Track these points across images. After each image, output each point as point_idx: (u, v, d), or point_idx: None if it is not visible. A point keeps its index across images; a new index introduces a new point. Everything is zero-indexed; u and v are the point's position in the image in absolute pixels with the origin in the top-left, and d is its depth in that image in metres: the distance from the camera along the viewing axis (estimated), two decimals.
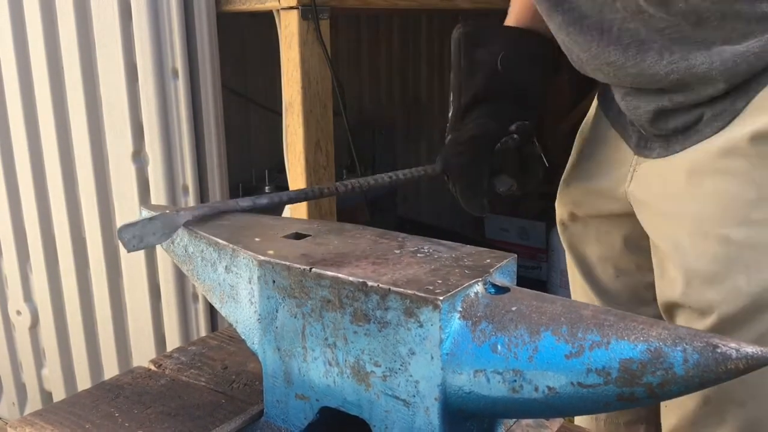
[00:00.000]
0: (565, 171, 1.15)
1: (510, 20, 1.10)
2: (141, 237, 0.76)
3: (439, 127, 3.60)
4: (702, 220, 0.88)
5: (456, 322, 0.64)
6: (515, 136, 1.01)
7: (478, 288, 0.66)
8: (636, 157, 0.99)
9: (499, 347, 0.62)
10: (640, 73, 0.87)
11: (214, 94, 1.77)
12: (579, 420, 1.22)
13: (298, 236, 0.80)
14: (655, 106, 0.90)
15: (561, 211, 1.17)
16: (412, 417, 0.66)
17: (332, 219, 1.78)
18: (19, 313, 2.09)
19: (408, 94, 3.40)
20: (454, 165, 1.02)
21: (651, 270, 1.00)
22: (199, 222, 0.85)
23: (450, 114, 1.07)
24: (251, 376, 0.93)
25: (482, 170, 1.01)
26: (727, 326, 0.85)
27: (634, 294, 1.10)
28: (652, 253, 0.99)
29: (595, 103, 1.11)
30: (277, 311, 0.72)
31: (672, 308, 0.93)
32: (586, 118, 1.13)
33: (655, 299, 0.99)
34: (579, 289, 1.19)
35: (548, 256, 3.08)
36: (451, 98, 1.06)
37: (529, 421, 0.81)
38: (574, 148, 1.14)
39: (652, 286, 1.01)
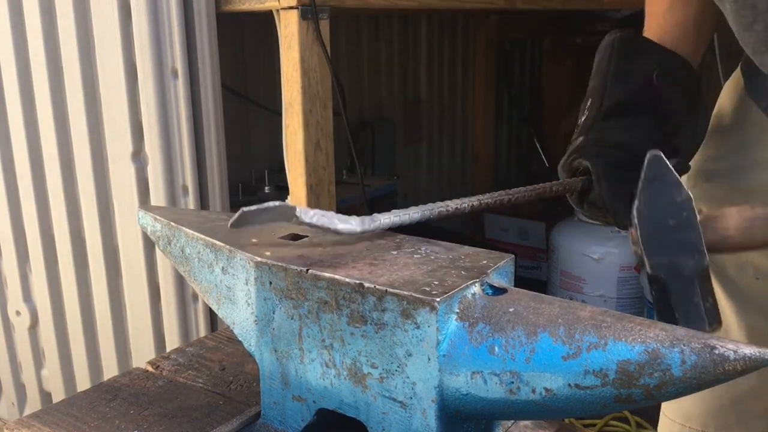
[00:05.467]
0: (696, 163, 1.04)
1: (651, 34, 1.00)
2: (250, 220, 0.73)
3: (439, 127, 3.61)
4: None
5: (453, 323, 0.63)
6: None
7: (476, 289, 0.66)
8: None
9: (496, 349, 0.62)
10: None
11: (214, 94, 1.77)
12: None
13: (295, 237, 0.79)
14: None
15: (697, 204, 1.07)
16: (409, 419, 0.65)
17: None
18: (18, 313, 2.09)
19: (408, 94, 3.40)
20: (600, 164, 0.92)
21: None
22: (200, 223, 0.85)
23: (584, 117, 0.97)
24: (249, 378, 0.93)
25: (631, 174, 0.91)
26: None
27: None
28: None
29: (731, 91, 1.02)
30: (273, 313, 0.72)
31: None
32: (719, 108, 1.04)
33: None
34: None
35: (548, 256, 3.07)
36: (588, 102, 0.97)
37: (527, 422, 0.81)
38: (709, 140, 1.03)
39: None
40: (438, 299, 0.62)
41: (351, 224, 0.75)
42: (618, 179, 0.91)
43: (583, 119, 0.97)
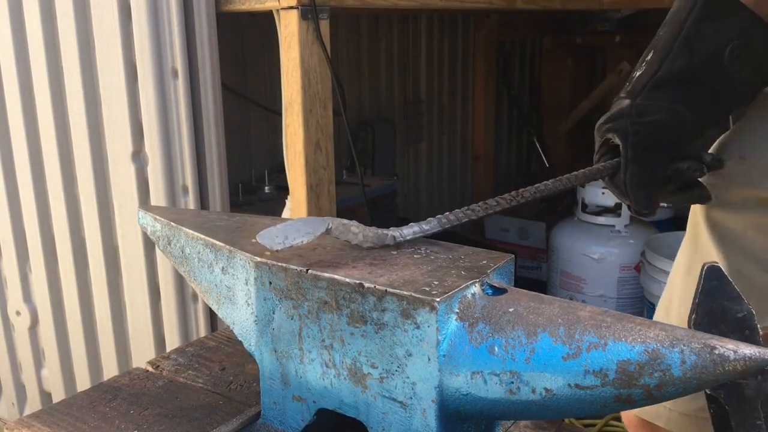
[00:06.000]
0: (727, 143, 0.99)
1: None
2: (285, 236, 0.71)
3: (439, 127, 3.61)
4: None
5: (453, 323, 0.63)
6: (705, 169, 0.88)
7: (475, 289, 0.66)
8: None
9: (496, 349, 0.62)
10: None
11: (214, 94, 1.77)
12: None
13: None
14: None
15: (720, 185, 1.00)
16: (409, 419, 0.65)
17: None
18: (18, 313, 2.09)
19: (408, 94, 3.40)
20: (630, 147, 0.88)
21: None
22: (200, 223, 0.85)
23: (638, 73, 0.90)
24: (249, 378, 0.93)
25: (660, 160, 0.87)
26: None
27: None
28: None
29: None
30: (273, 313, 0.72)
31: None
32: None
33: None
34: None
35: (548, 256, 3.07)
36: (649, 56, 0.90)
37: (527, 422, 0.81)
38: (754, 116, 0.97)
39: None
40: (438, 299, 0.61)
41: (372, 242, 0.73)
42: (645, 165, 0.87)
43: (637, 75, 0.91)
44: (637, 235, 2.79)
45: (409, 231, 0.75)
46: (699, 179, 0.92)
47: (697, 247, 1.05)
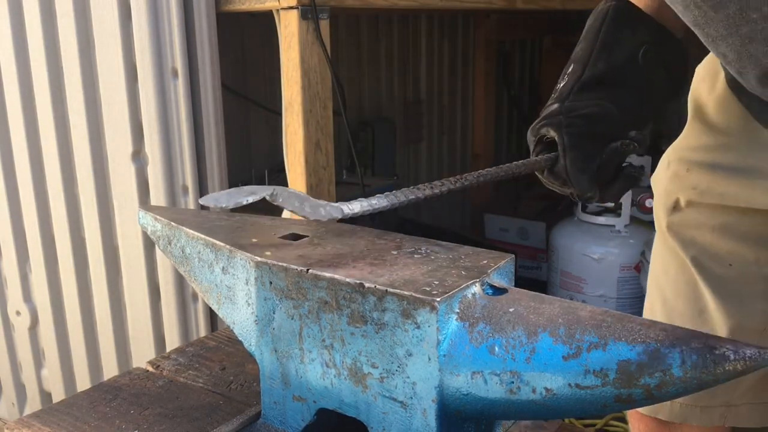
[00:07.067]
0: (675, 151, 1.05)
1: (642, 3, 0.97)
2: (229, 197, 0.72)
3: (439, 126, 3.61)
4: None
5: (453, 323, 0.63)
6: (635, 144, 0.93)
7: (476, 289, 0.66)
8: None
9: (496, 349, 0.62)
10: None
11: (214, 94, 1.77)
12: None
13: (296, 237, 0.79)
14: None
15: (674, 193, 1.06)
16: (409, 419, 0.65)
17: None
18: (18, 313, 2.09)
19: (408, 94, 3.40)
20: (566, 135, 0.93)
21: None
22: (200, 223, 0.85)
23: (562, 84, 0.98)
24: (249, 377, 0.93)
25: (596, 147, 0.93)
26: None
27: (746, 284, 1.01)
28: None
29: (709, 79, 1.00)
30: (274, 313, 0.72)
31: None
32: (696, 93, 1.02)
33: None
34: (678, 275, 1.08)
35: (548, 256, 3.07)
36: (570, 68, 0.99)
37: (527, 422, 0.81)
38: (689, 126, 1.03)
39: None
40: (438, 299, 0.61)
41: (320, 213, 0.74)
42: (583, 151, 0.93)
43: (561, 85, 0.98)
44: (637, 235, 2.79)
45: (357, 205, 0.76)
46: (631, 167, 0.98)
47: (666, 247, 1.11)
